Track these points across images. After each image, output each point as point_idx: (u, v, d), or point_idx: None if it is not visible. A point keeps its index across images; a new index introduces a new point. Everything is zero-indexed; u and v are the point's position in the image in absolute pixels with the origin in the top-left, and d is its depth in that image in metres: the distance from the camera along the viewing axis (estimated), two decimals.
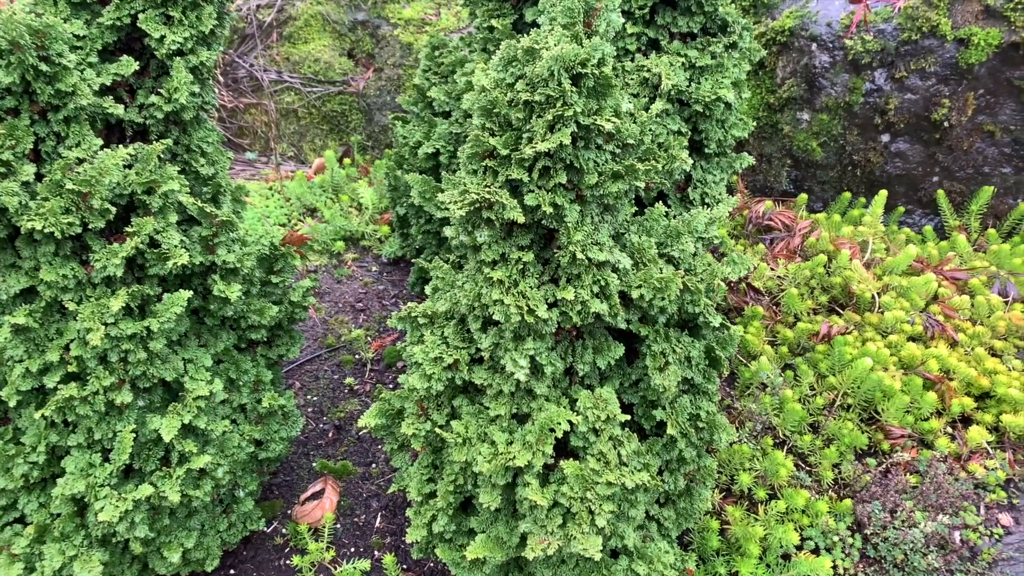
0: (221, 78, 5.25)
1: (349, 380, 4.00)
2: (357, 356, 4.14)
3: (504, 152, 2.16)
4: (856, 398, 3.50)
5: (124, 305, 2.40)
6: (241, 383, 2.97)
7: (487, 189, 2.12)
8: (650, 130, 2.97)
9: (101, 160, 2.35)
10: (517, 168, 2.16)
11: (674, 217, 2.54)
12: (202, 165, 2.81)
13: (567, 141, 2.06)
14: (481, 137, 2.18)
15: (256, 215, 4.87)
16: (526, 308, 2.22)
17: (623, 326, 2.44)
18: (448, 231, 2.36)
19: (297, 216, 4.97)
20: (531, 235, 2.31)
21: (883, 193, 4.34)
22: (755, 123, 3.43)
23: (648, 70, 2.92)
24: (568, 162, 2.17)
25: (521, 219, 2.13)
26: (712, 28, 3.23)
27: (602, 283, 2.30)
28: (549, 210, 2.15)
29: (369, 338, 4.24)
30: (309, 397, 3.98)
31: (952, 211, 4.48)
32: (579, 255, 2.20)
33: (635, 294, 2.35)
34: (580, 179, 2.20)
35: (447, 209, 2.30)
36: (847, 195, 4.59)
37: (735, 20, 3.24)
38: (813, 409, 3.53)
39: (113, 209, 2.38)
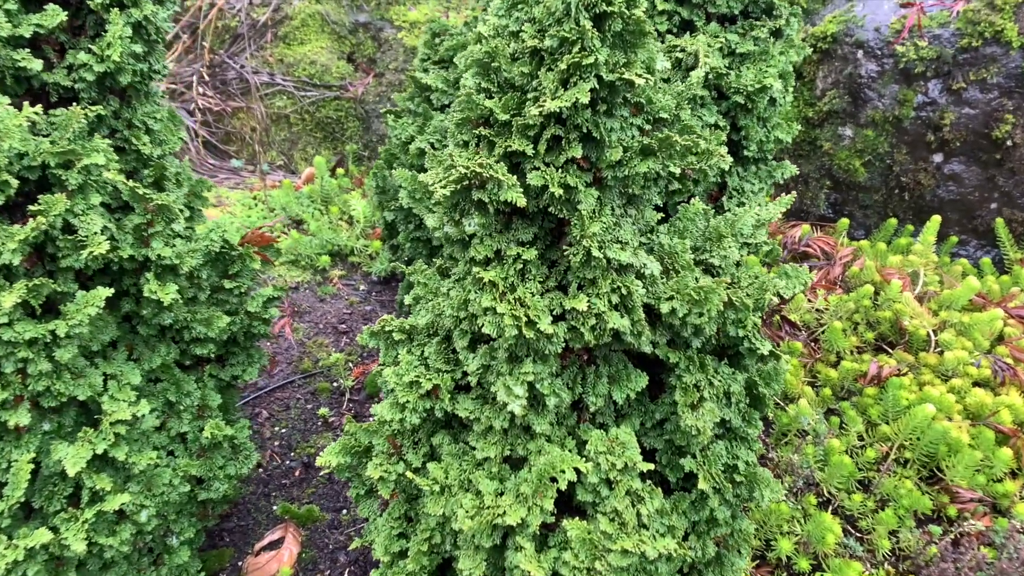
0: (208, 78, 4.84)
1: (323, 411, 3.49)
2: (335, 384, 3.64)
3: (503, 117, 1.69)
4: (915, 452, 2.96)
5: (21, 302, 1.92)
6: (182, 407, 2.48)
7: (479, 163, 1.64)
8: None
9: None
10: (519, 138, 1.68)
11: (714, 216, 2.05)
12: (144, 144, 2.35)
13: (585, 100, 1.57)
14: (474, 98, 1.70)
15: (236, 227, 4.41)
16: (525, 319, 1.72)
17: (647, 350, 1.93)
18: (430, 220, 1.87)
19: (281, 228, 4.51)
20: (535, 228, 1.82)
21: (936, 219, 3.84)
22: (791, 138, 2.95)
23: (682, 49, 2.45)
24: (585, 131, 1.69)
25: (522, 202, 1.65)
26: (755, 11, 2.78)
27: (623, 292, 1.80)
28: (559, 192, 1.66)
29: (350, 364, 3.74)
30: (277, 429, 3.46)
31: (1013, 242, 3.97)
32: (595, 253, 1.71)
33: (664, 308, 1.85)
34: (599, 155, 1.72)
35: (431, 195, 1.82)
36: (893, 221, 4.09)
37: (781, 3, 2.78)
38: (864, 463, 2.99)
39: (15, 183, 1.91)
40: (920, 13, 3.80)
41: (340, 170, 4.75)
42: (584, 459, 1.89)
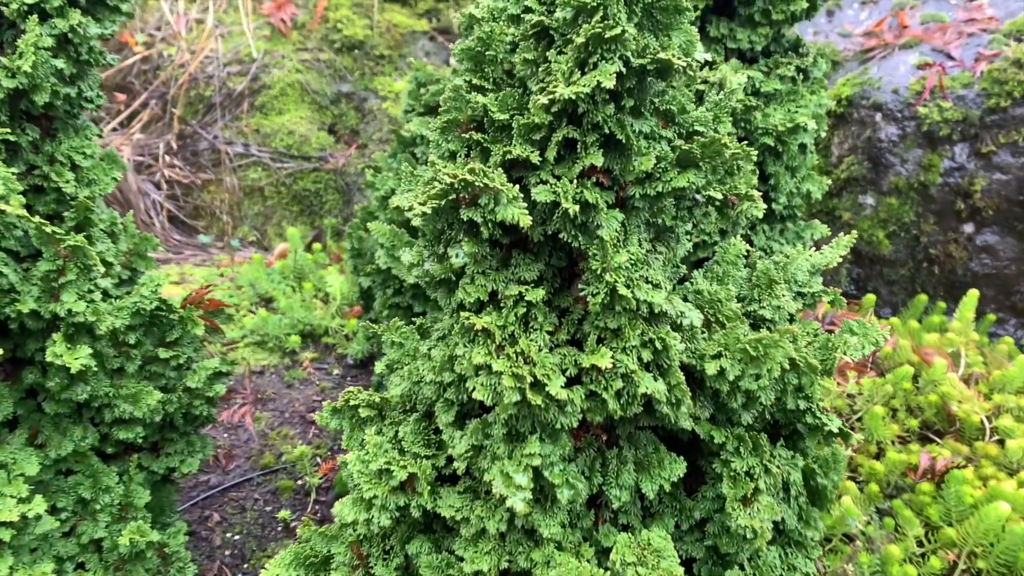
0: (177, 149, 4.52)
1: (284, 513, 2.97)
2: (300, 481, 3.13)
3: (501, 117, 1.30)
4: (990, 560, 2.47)
5: None
6: (99, 506, 1.99)
7: (470, 170, 1.24)
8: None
9: None
10: (521, 143, 1.30)
11: (759, 258, 1.65)
12: (67, 182, 1.95)
13: (609, 84, 1.20)
14: (464, 94, 1.32)
15: None
16: (530, 380, 1.29)
17: (686, 425, 1.50)
18: (407, 256, 1.46)
19: (248, 306, 4.08)
20: (540, 264, 1.41)
21: (973, 293, 3.46)
22: (821, 193, 2.61)
23: (704, 81, 2.12)
24: (607, 133, 1.30)
25: (526, 221, 1.24)
26: (778, 49, 2.47)
27: (657, 346, 1.38)
28: (573, 211, 1.26)
29: (318, 458, 3.24)
30: (230, 535, 2.94)
31: None
32: (622, 292, 1.29)
33: (710, 369, 1.43)
34: (625, 165, 1.33)
35: (407, 232, 1.40)
36: (923, 298, 3.71)
37: (806, 43, 2.48)
38: (928, 574, 2.49)
39: None
40: (941, 73, 3.55)
41: (317, 245, 4.37)
42: (606, 572, 1.42)
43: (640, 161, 1.31)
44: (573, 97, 1.21)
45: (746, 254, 1.68)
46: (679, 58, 1.24)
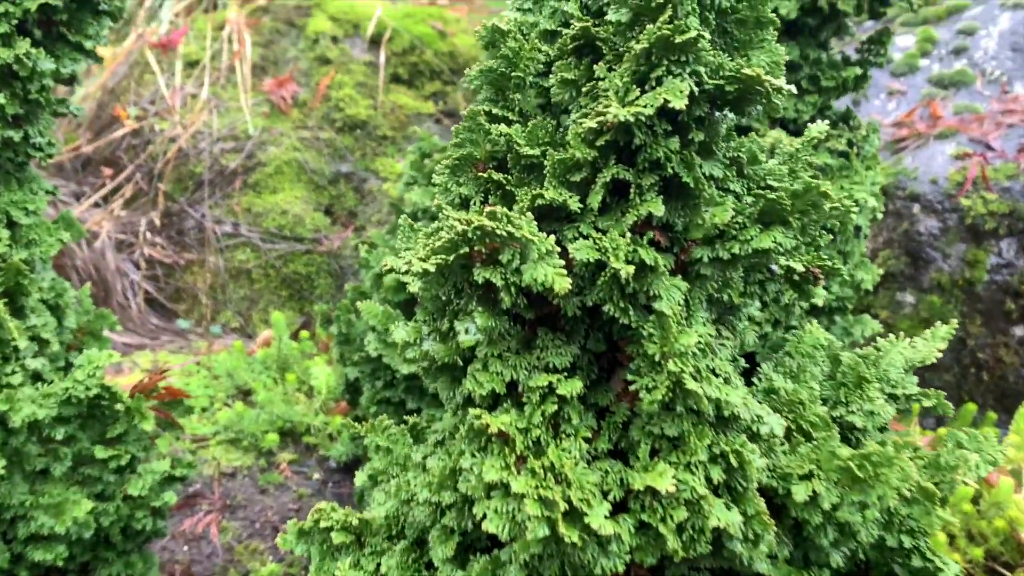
0: (160, 227, 4.24)
1: None
2: None
3: (530, 152, 1.00)
4: None
5: None
6: None
7: (490, 213, 0.92)
8: None
9: None
10: (556, 184, 0.99)
11: (843, 351, 1.31)
12: (2, 240, 1.63)
13: (680, 103, 0.89)
14: (483, 123, 1.02)
15: None
16: (563, 507, 0.93)
17: (762, 568, 1.12)
18: (399, 333, 1.12)
19: (224, 398, 3.70)
20: (574, 345, 1.08)
21: None
22: (872, 284, 2.31)
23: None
24: (668, 175, 0.99)
25: (563, 285, 0.92)
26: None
27: (732, 461, 1.03)
28: (626, 272, 0.94)
29: None
30: None
31: None
32: (690, 385, 0.95)
33: (798, 494, 1.07)
34: (690, 218, 1.02)
35: (406, 273, 1.07)
36: (971, 407, 3.35)
37: (857, 116, 2.23)
38: None
39: None
40: (983, 164, 3.31)
41: (304, 333, 4.03)
42: None
43: (713, 213, 1.00)
44: (632, 120, 0.90)
45: (829, 343, 1.35)
46: (768, 77, 0.94)
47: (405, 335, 1.10)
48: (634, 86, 0.95)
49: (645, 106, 0.90)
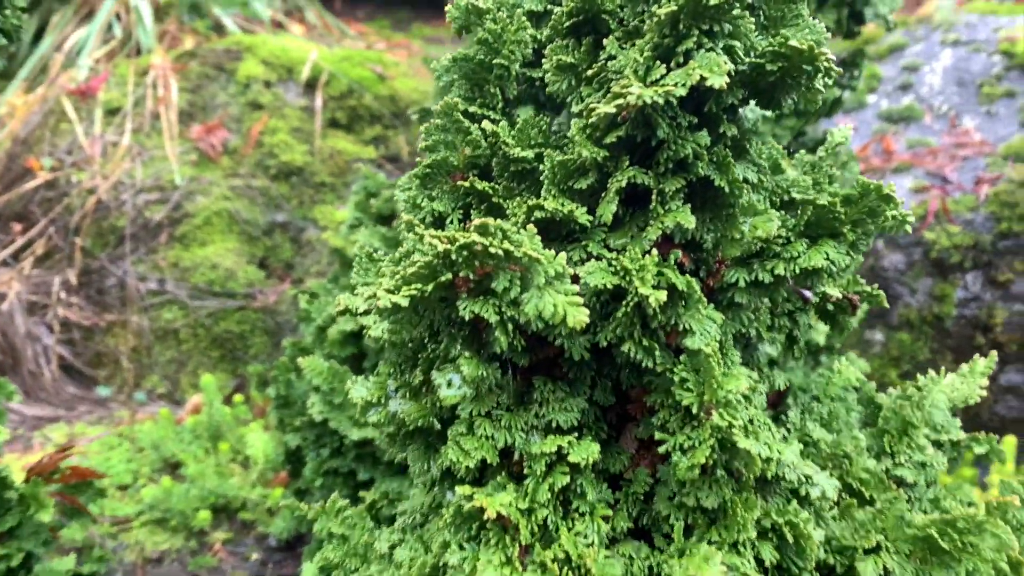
0: (78, 286, 3.88)
1: None
2: None
3: (522, 155, 0.79)
4: None
5: None
6: None
7: (481, 226, 0.70)
8: None
9: None
10: (556, 193, 0.78)
11: (890, 397, 1.12)
12: None
13: (720, 81, 0.69)
14: (460, 118, 0.80)
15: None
16: None
17: None
18: (358, 391, 0.88)
19: (149, 473, 3.33)
20: (580, 396, 0.85)
21: (1011, 440, 3.00)
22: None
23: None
24: (698, 178, 0.79)
25: (580, 318, 0.69)
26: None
27: (786, 534, 0.81)
28: (656, 300, 0.72)
29: None
30: None
31: None
32: (742, 443, 0.73)
33: (866, 572, 0.86)
34: (725, 229, 0.82)
35: (360, 319, 0.83)
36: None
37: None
38: None
39: None
40: (943, 196, 3.25)
41: (239, 396, 3.70)
42: None
43: (754, 224, 0.80)
44: (661, 102, 0.70)
45: (862, 383, 1.15)
46: (822, 51, 0.75)
47: (365, 393, 0.86)
48: (658, 63, 0.76)
49: (676, 85, 0.70)
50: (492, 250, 0.69)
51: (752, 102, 0.89)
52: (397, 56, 5.04)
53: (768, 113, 1.06)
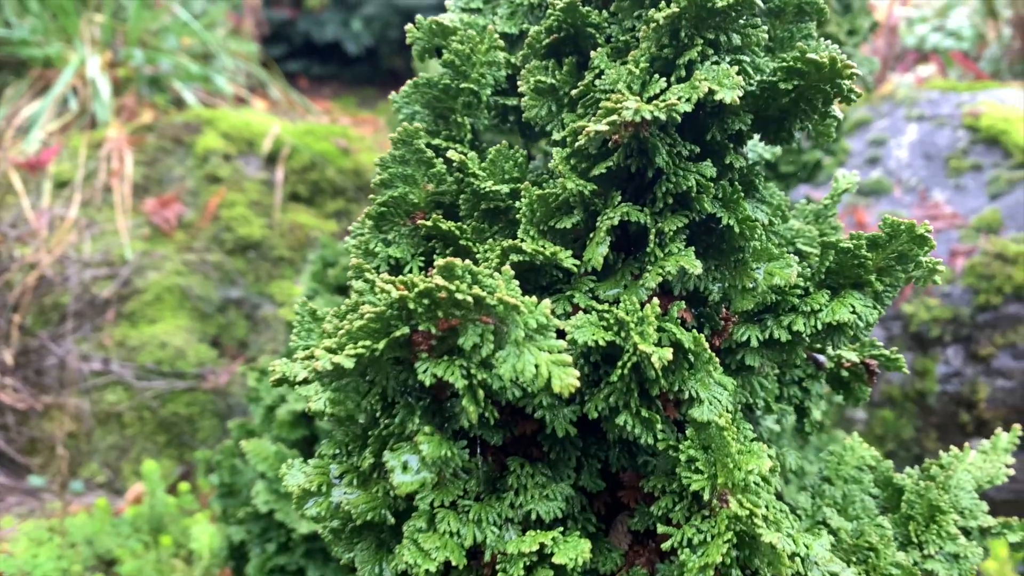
0: (14, 366, 3.64)
1: None
2: None
3: (495, 190, 0.66)
4: None
5: None
6: None
7: (446, 268, 0.56)
8: None
9: None
10: (536, 234, 0.64)
11: (911, 478, 0.98)
12: None
13: (733, 96, 0.58)
14: (421, 147, 0.67)
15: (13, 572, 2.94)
16: None
17: None
18: (294, 478, 0.72)
19: (81, 572, 3.03)
20: (564, 481, 0.70)
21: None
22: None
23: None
24: (701, 217, 0.67)
25: (569, 381, 0.55)
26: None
27: None
28: (660, 358, 0.58)
29: None
30: None
31: None
32: (766, 536, 0.58)
33: None
34: (735, 277, 0.68)
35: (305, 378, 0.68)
36: None
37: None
38: None
39: None
40: None
41: (184, 485, 3.43)
42: None
43: (769, 271, 0.67)
44: (663, 118, 0.58)
45: (878, 460, 1.02)
46: (847, 63, 0.64)
47: (303, 480, 0.70)
48: (656, 76, 0.64)
49: (680, 99, 0.58)
50: (459, 296, 0.54)
51: (756, 136, 0.78)
52: (362, 131, 4.98)
53: (768, 156, 0.96)
